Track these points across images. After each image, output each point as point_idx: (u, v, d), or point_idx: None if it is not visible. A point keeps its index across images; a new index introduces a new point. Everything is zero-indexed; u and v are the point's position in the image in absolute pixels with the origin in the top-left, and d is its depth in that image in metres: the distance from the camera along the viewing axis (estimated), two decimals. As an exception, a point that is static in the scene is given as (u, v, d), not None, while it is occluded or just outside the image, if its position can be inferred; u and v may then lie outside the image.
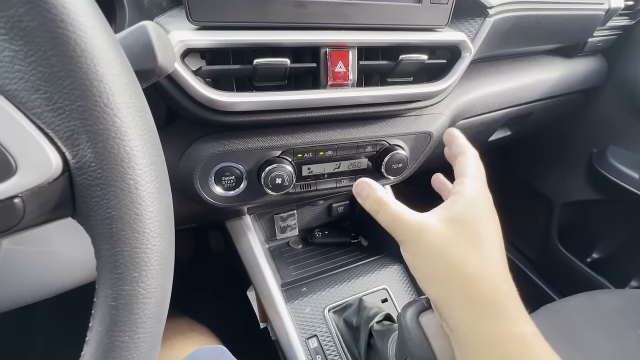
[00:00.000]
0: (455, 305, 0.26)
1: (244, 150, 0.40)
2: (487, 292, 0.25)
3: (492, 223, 0.28)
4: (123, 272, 0.15)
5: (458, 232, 0.27)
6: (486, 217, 0.28)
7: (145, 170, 0.16)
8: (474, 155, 0.32)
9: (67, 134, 0.14)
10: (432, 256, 0.27)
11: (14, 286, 0.28)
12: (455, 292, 0.26)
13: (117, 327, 0.16)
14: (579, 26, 0.64)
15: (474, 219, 0.27)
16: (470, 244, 0.26)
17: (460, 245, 0.26)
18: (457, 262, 0.26)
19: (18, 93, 0.14)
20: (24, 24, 0.13)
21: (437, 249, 0.27)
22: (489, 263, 0.26)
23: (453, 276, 0.26)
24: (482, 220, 0.28)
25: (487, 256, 0.26)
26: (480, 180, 0.30)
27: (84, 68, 0.14)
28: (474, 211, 0.28)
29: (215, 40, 0.33)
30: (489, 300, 0.25)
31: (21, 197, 0.14)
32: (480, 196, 0.29)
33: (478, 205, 0.28)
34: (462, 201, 0.28)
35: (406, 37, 0.40)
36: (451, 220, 0.27)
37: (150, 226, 0.16)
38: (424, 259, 0.27)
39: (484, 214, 0.28)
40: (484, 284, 0.25)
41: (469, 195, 0.28)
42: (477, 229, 0.27)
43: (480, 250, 0.26)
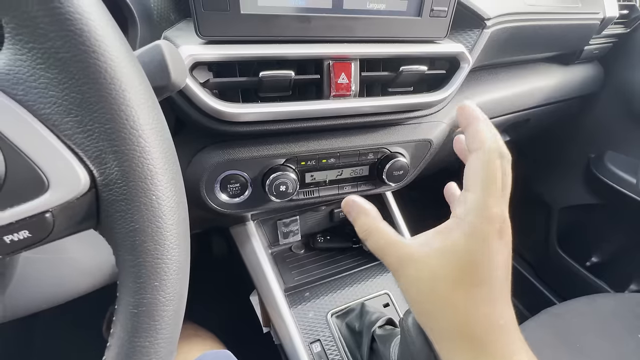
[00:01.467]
0: (446, 343, 0.24)
1: (249, 159, 0.41)
2: (479, 333, 0.23)
3: (495, 264, 0.23)
4: (145, 281, 0.16)
5: (450, 268, 0.23)
6: (489, 257, 0.23)
7: (166, 186, 0.17)
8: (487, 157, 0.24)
9: (95, 154, 0.15)
10: (423, 291, 0.24)
11: (31, 293, 0.29)
12: (445, 331, 0.24)
13: (138, 333, 0.17)
14: (575, 35, 0.65)
15: (472, 252, 0.23)
16: (463, 281, 0.23)
17: (451, 282, 0.23)
18: (446, 301, 0.23)
19: (51, 116, 0.15)
20: (60, 55, 0.14)
21: (427, 284, 0.24)
22: (483, 302, 0.23)
23: (442, 315, 0.24)
24: (484, 261, 0.23)
25: (483, 294, 0.23)
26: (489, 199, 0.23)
27: (113, 94, 0.15)
28: (472, 243, 0.23)
29: (222, 54, 0.34)
30: (479, 341, 0.23)
31: (52, 212, 0.15)
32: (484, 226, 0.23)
33: (479, 242, 0.23)
34: (460, 229, 0.23)
35: (406, 49, 0.41)
36: (444, 252, 0.24)
37: (170, 238, 0.17)
38: (415, 292, 0.25)
39: (487, 253, 0.23)
40: (476, 325, 0.23)
41: (469, 222, 0.23)
42: (473, 264, 0.23)
43: (474, 289, 0.23)
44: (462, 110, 0.27)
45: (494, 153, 0.24)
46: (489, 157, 0.24)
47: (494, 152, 0.24)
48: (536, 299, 1.05)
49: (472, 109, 0.26)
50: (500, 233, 0.23)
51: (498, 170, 0.24)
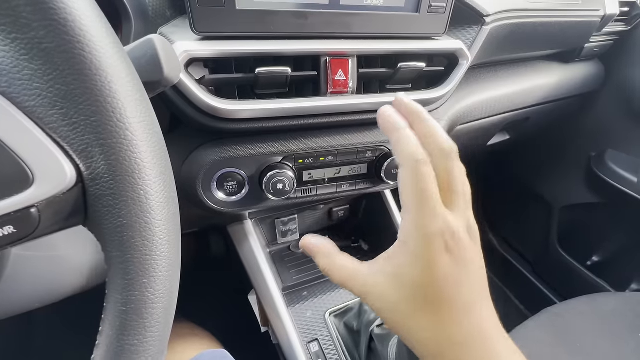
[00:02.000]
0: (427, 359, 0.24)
1: (245, 157, 0.41)
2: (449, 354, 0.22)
3: (446, 283, 0.22)
4: (133, 278, 0.16)
5: (403, 293, 0.23)
6: (437, 276, 0.22)
7: (155, 181, 0.16)
8: (411, 170, 0.22)
9: (81, 147, 0.15)
10: (389, 317, 0.24)
11: (23, 291, 0.28)
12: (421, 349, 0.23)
13: (126, 331, 0.16)
14: (575, 32, 0.65)
15: (417, 277, 0.22)
16: (419, 304, 0.22)
17: (409, 306, 0.23)
18: (412, 324, 0.23)
19: (36, 109, 0.14)
20: (44, 46, 0.14)
21: (390, 309, 0.24)
22: (446, 323, 0.22)
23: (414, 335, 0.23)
24: (432, 282, 0.22)
25: (443, 315, 0.22)
26: (424, 214, 0.22)
27: (99, 86, 0.14)
28: (415, 268, 0.22)
29: (218, 50, 0.34)
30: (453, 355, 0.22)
31: (37, 207, 0.15)
32: (426, 246, 0.22)
33: (423, 263, 0.22)
34: (403, 255, 0.23)
35: (404, 46, 0.41)
36: (394, 278, 0.23)
37: (159, 234, 0.17)
38: (384, 317, 0.24)
39: (434, 272, 0.22)
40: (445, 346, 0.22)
41: (409, 246, 0.22)
42: (421, 288, 0.22)
43: (433, 311, 0.22)
44: (381, 119, 0.25)
45: (417, 163, 0.22)
46: (412, 169, 0.22)
47: (416, 163, 0.22)
48: (536, 298, 1.04)
49: (389, 115, 0.24)
50: (447, 249, 0.22)
51: (428, 181, 0.22)
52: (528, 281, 1.08)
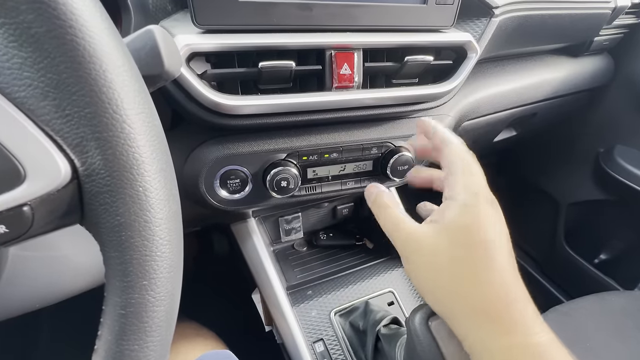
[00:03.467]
0: (461, 320, 0.25)
1: (249, 154, 0.40)
2: (491, 306, 0.23)
3: (491, 225, 0.25)
4: (132, 280, 0.15)
5: (453, 243, 0.25)
6: (484, 221, 0.25)
7: (155, 177, 0.15)
8: (459, 148, 0.28)
9: (75, 141, 0.14)
10: (429, 271, 0.26)
11: (23, 292, 0.28)
12: (457, 308, 0.25)
13: (126, 335, 0.15)
14: (585, 25, 0.63)
15: (469, 225, 0.25)
16: (467, 255, 0.24)
17: (456, 258, 0.25)
18: (454, 277, 0.25)
19: (27, 100, 0.13)
20: (33, 31, 0.13)
21: (433, 263, 0.25)
22: (490, 274, 0.24)
23: (452, 292, 0.25)
24: (487, 229, 0.25)
25: (488, 266, 0.24)
26: (471, 178, 0.26)
27: (93, 74, 0.14)
28: (468, 217, 0.25)
29: (220, 43, 0.33)
30: (494, 314, 0.23)
31: (30, 205, 0.14)
32: (473, 198, 0.25)
33: (472, 210, 0.25)
34: (454, 207, 0.26)
35: (411, 39, 0.40)
36: (445, 230, 0.25)
37: (160, 233, 0.16)
38: (422, 273, 0.27)
39: (481, 218, 0.25)
40: (486, 298, 0.24)
41: (461, 200, 0.26)
42: (473, 237, 0.25)
43: (479, 261, 0.24)
44: (421, 123, 0.33)
45: (465, 147, 0.29)
46: (462, 148, 0.28)
47: (464, 146, 0.29)
48: (543, 296, 1.03)
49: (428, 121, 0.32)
50: (490, 203, 0.26)
51: (472, 157, 0.28)
52: (535, 280, 1.07)
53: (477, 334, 0.24)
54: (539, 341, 0.23)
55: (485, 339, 0.24)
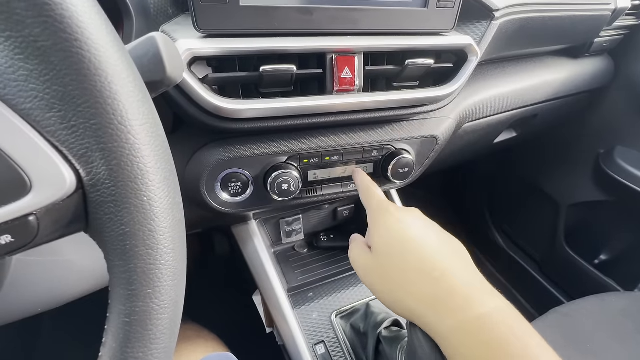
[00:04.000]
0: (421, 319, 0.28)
1: (250, 157, 0.40)
2: (441, 299, 0.26)
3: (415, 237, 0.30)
4: (137, 288, 0.15)
5: (386, 260, 0.31)
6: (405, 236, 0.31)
7: (159, 186, 0.16)
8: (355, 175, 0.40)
9: (81, 152, 0.14)
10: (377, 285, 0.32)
11: (26, 296, 0.28)
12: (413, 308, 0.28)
13: (130, 343, 0.16)
14: (585, 27, 0.63)
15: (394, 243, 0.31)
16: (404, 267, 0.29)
17: (396, 270, 0.30)
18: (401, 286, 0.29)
19: (33, 111, 0.14)
20: (39, 44, 0.13)
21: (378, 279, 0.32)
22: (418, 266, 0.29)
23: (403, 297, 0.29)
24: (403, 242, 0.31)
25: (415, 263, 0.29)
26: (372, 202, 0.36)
27: (99, 86, 0.14)
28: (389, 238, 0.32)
29: (221, 48, 0.33)
30: (432, 298, 0.27)
31: (35, 215, 0.14)
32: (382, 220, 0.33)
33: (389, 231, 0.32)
34: (375, 235, 0.33)
35: (412, 42, 0.40)
36: (376, 251, 0.32)
37: (164, 242, 0.16)
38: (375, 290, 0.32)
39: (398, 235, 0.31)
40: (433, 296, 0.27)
41: (375, 226, 0.33)
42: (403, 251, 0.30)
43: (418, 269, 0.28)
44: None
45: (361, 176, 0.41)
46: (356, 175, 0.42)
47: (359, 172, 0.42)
48: (543, 297, 1.03)
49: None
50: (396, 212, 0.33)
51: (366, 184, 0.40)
52: (535, 280, 1.07)
53: (428, 321, 0.27)
54: (485, 313, 0.24)
55: (434, 323, 0.26)
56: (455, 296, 0.26)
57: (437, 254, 0.29)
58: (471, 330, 0.24)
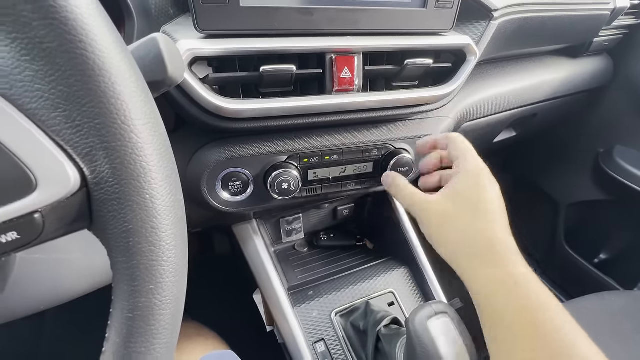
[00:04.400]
0: (460, 260, 0.33)
1: (250, 156, 0.41)
2: (481, 247, 0.31)
3: (489, 192, 0.34)
4: (140, 284, 0.16)
5: (458, 205, 0.34)
6: (483, 189, 0.34)
7: (161, 184, 0.16)
8: (460, 142, 0.38)
9: (85, 151, 0.15)
10: (438, 225, 0.34)
11: (28, 294, 0.28)
12: (458, 251, 0.33)
13: (133, 338, 0.16)
14: (584, 26, 0.63)
15: (472, 193, 0.34)
16: (469, 213, 0.33)
17: (460, 215, 0.33)
18: (458, 229, 0.33)
19: (38, 111, 0.14)
20: (45, 45, 0.13)
21: (441, 219, 0.34)
22: (487, 226, 0.32)
23: (455, 239, 0.33)
24: (479, 193, 0.34)
25: (485, 221, 0.32)
26: (471, 157, 0.36)
27: (102, 87, 0.14)
28: (471, 187, 0.34)
29: (222, 48, 0.33)
30: (483, 253, 0.31)
31: (41, 212, 0.15)
32: (473, 173, 0.35)
33: (477, 178, 0.34)
34: (461, 180, 0.35)
35: (411, 42, 0.40)
36: (452, 196, 0.34)
37: (166, 239, 0.16)
38: (432, 227, 0.35)
39: (480, 187, 0.34)
40: (478, 242, 0.32)
41: (468, 171, 0.35)
42: (474, 201, 0.33)
43: (478, 217, 0.32)
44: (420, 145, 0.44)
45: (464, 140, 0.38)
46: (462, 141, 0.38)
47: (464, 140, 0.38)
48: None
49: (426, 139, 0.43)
50: (490, 175, 0.35)
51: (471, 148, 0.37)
52: (535, 279, 1.07)
53: (470, 268, 0.32)
54: (518, 271, 0.30)
55: (476, 270, 0.31)
56: (502, 247, 0.31)
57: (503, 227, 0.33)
58: (504, 281, 0.29)
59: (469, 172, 0.35)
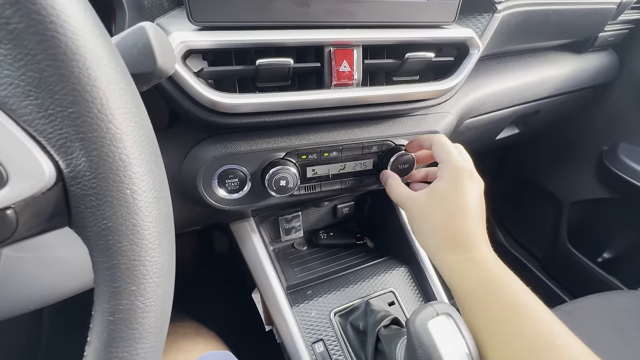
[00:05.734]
0: (436, 250, 0.37)
1: (247, 152, 0.40)
2: (455, 239, 0.36)
3: (466, 193, 0.37)
4: (120, 285, 0.15)
5: (436, 203, 0.38)
6: (460, 190, 0.37)
7: (143, 178, 0.15)
8: (442, 143, 0.41)
9: (59, 142, 0.14)
10: (418, 219, 0.39)
11: (16, 293, 0.27)
12: (435, 242, 0.37)
13: (115, 342, 0.15)
14: (589, 21, 0.62)
15: (450, 194, 0.37)
16: (445, 211, 0.37)
17: (437, 212, 0.37)
18: (434, 223, 0.37)
19: (8, 100, 0.13)
20: (12, 27, 0.12)
21: (421, 214, 0.39)
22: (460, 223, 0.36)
23: (431, 233, 0.38)
24: (457, 194, 0.37)
25: (459, 218, 0.36)
26: (453, 161, 0.39)
27: (76, 72, 0.13)
28: (449, 189, 0.38)
29: (216, 40, 0.32)
30: (456, 243, 0.36)
31: (14, 209, 0.14)
32: (453, 176, 0.38)
33: (456, 183, 0.37)
34: (443, 182, 0.38)
35: (412, 35, 0.39)
36: (435, 196, 0.38)
37: (149, 237, 0.15)
38: (413, 220, 0.40)
39: (458, 188, 0.37)
40: (453, 235, 0.36)
41: (448, 176, 0.38)
42: (451, 201, 0.37)
43: (453, 215, 0.36)
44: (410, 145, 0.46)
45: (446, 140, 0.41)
46: (443, 140, 0.41)
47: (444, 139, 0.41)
48: (546, 296, 1.02)
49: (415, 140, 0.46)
50: (470, 175, 0.38)
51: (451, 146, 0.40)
52: (537, 279, 1.06)
53: (445, 258, 0.36)
54: (485, 257, 0.35)
55: (450, 260, 0.36)
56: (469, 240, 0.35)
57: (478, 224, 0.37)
58: (471, 265, 0.34)
59: (448, 176, 0.38)
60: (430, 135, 0.43)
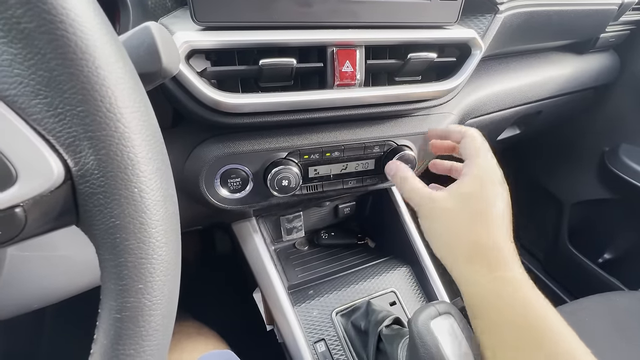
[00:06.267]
0: (458, 262, 0.32)
1: (249, 152, 0.40)
2: (481, 251, 0.30)
3: (494, 199, 0.32)
4: (128, 283, 0.15)
5: (464, 207, 0.32)
6: (488, 195, 0.32)
7: (150, 177, 0.15)
8: (475, 138, 0.36)
9: (68, 141, 0.14)
10: (440, 224, 0.33)
11: (20, 292, 0.27)
12: (456, 253, 0.32)
13: (122, 340, 0.15)
14: (591, 21, 0.62)
15: (477, 198, 0.32)
16: (474, 217, 0.31)
17: (465, 218, 0.32)
18: (456, 230, 0.32)
19: (18, 98, 0.13)
20: (22, 26, 0.12)
21: (444, 218, 0.33)
22: (486, 233, 0.31)
23: (452, 240, 0.32)
24: (484, 199, 0.32)
25: (485, 227, 0.31)
26: (482, 160, 0.34)
27: (85, 71, 0.13)
28: (477, 191, 0.32)
29: (220, 40, 0.32)
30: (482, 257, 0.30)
31: (22, 207, 0.14)
32: (485, 175, 0.33)
33: (484, 184, 0.33)
34: (470, 180, 0.33)
35: (415, 35, 0.39)
36: (459, 196, 0.33)
37: (156, 235, 0.15)
38: (433, 224, 0.34)
39: (486, 193, 0.32)
40: (478, 246, 0.31)
41: (476, 175, 0.33)
42: (478, 206, 0.32)
43: (479, 223, 0.31)
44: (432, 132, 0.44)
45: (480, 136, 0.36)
46: (476, 136, 0.36)
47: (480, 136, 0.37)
48: (546, 296, 1.02)
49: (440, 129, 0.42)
50: (500, 179, 0.34)
51: (486, 146, 0.36)
52: (538, 280, 1.06)
53: (468, 272, 0.31)
54: (514, 276, 0.29)
55: (473, 274, 0.30)
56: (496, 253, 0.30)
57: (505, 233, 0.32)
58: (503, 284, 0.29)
59: (477, 176, 0.33)
60: (463, 127, 0.38)
